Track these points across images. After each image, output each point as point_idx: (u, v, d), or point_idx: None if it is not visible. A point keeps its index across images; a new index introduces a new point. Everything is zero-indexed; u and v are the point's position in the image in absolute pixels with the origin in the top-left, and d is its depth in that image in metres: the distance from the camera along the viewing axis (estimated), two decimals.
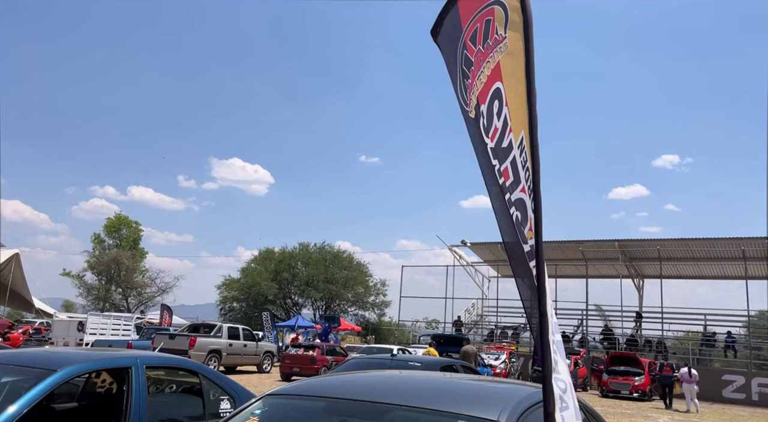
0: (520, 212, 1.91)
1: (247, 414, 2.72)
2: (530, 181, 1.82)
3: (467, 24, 2.24)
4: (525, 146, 1.88)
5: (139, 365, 4.22)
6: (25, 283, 30.95)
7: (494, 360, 24.22)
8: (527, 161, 1.86)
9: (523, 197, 1.87)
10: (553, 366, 1.66)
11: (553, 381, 1.66)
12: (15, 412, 3.32)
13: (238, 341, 23.08)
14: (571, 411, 1.74)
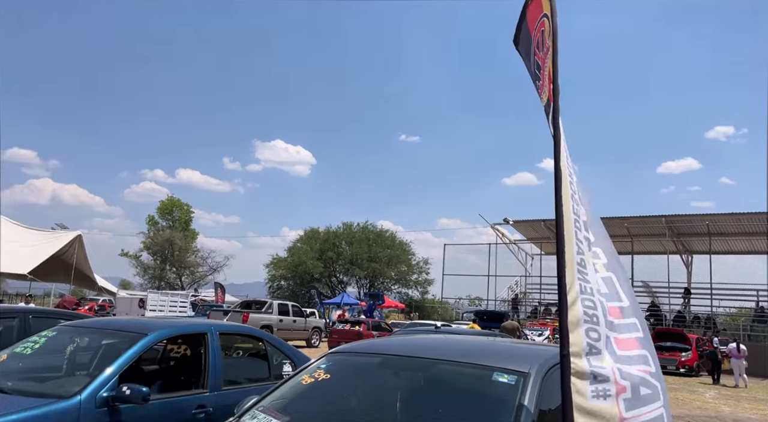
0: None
1: (315, 368, 3.23)
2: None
3: (533, 33, 2.58)
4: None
5: (214, 331, 4.81)
6: (87, 263, 32.72)
7: (537, 336, 24.46)
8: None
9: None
10: (583, 316, 1.94)
11: (582, 329, 1.96)
12: (117, 368, 3.93)
13: (288, 317, 24.12)
14: (605, 356, 1.99)
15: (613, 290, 2.20)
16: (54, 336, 4.59)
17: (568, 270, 2.00)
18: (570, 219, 2.07)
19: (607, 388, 1.90)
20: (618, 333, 2.07)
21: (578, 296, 1.99)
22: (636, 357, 2.04)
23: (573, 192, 2.16)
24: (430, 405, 2.86)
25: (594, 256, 2.23)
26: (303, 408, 2.96)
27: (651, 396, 1.97)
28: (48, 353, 4.48)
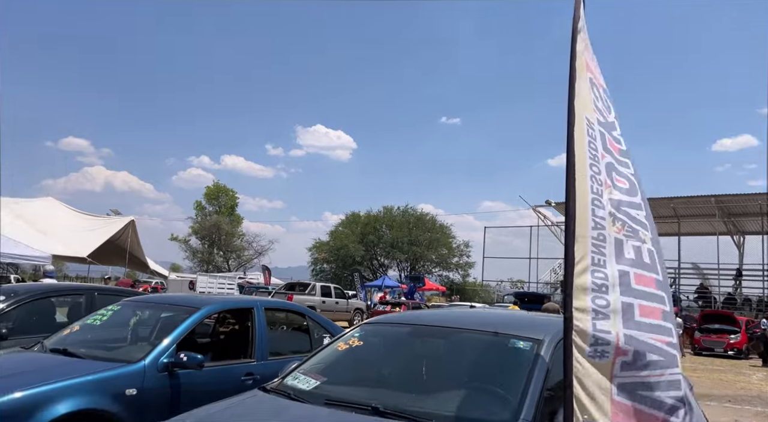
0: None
1: (349, 336, 3.57)
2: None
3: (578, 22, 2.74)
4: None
5: (259, 307, 5.22)
6: (140, 247, 34.08)
7: None
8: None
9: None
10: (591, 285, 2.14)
11: (589, 297, 2.17)
12: (175, 338, 4.38)
13: (330, 298, 24.82)
14: (610, 321, 2.19)
15: (653, 263, 2.38)
16: (119, 310, 5.09)
17: (579, 245, 2.23)
18: (585, 197, 2.26)
19: (606, 350, 2.13)
20: (645, 300, 2.26)
21: (588, 267, 2.21)
22: (656, 327, 2.23)
23: (595, 173, 2.34)
24: (452, 367, 3.15)
25: (632, 234, 2.38)
26: (338, 370, 3.30)
27: (663, 363, 2.17)
28: (114, 324, 4.99)
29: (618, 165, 2.46)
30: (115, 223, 31.15)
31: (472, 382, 2.96)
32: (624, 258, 2.27)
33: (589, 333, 2.12)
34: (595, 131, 2.42)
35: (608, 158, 2.43)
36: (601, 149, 2.41)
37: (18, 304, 5.69)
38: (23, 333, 5.42)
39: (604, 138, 2.47)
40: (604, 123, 2.52)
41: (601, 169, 2.37)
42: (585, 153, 2.31)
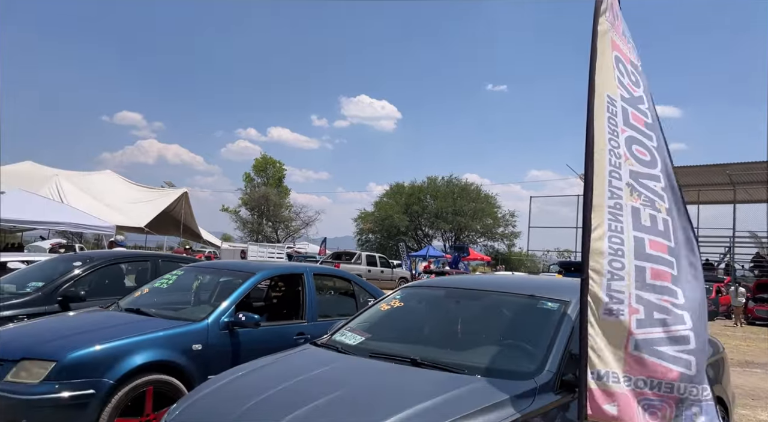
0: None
1: (391, 298, 3.89)
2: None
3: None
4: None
5: (309, 272, 5.61)
6: (193, 218, 35.29)
7: None
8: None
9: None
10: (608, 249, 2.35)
11: (605, 260, 2.39)
12: (233, 299, 4.81)
13: (376, 267, 25.43)
14: (624, 282, 2.41)
15: (667, 231, 2.58)
16: (182, 274, 5.58)
17: (596, 213, 2.43)
18: (603, 169, 2.46)
19: (621, 308, 2.35)
20: (657, 264, 2.47)
21: (605, 234, 2.42)
22: (665, 288, 2.44)
23: (614, 147, 2.52)
24: (485, 326, 3.43)
25: (649, 204, 2.57)
26: (381, 328, 3.63)
27: (670, 320, 2.38)
28: (179, 288, 5.48)
29: (641, 137, 2.62)
30: (169, 195, 32.43)
31: (503, 339, 3.24)
32: (641, 225, 2.46)
33: (603, 294, 2.34)
34: (616, 108, 2.59)
35: (629, 132, 2.59)
36: (622, 124, 2.58)
37: (93, 269, 6.28)
38: (97, 295, 6.00)
39: (627, 113, 2.63)
40: (629, 98, 2.68)
41: (621, 143, 2.54)
42: (604, 129, 2.48)
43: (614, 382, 2.29)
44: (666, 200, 2.58)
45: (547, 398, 2.58)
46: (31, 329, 4.53)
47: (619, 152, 2.52)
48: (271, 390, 2.71)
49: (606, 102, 2.53)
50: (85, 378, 3.85)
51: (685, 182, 30.85)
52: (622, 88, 2.65)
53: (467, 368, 2.83)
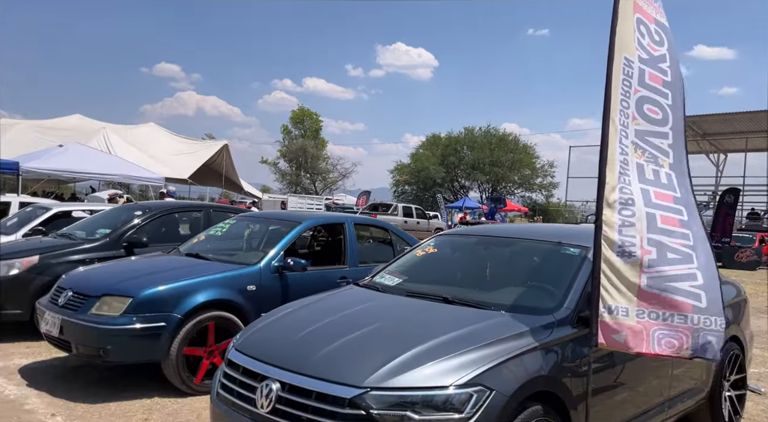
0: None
1: (426, 245, 4.26)
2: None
3: None
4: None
5: (350, 222, 6.02)
6: (234, 169, 36.14)
7: None
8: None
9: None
10: (619, 199, 2.65)
11: (617, 209, 2.69)
12: (282, 246, 5.27)
13: (412, 218, 25.87)
14: (635, 228, 2.69)
15: (671, 183, 2.84)
16: (235, 223, 6.08)
17: (609, 168, 2.70)
18: (616, 128, 2.71)
19: (633, 251, 2.65)
20: (665, 212, 2.75)
21: (617, 185, 2.69)
22: (675, 232, 2.73)
23: (624, 108, 2.76)
24: (512, 269, 3.78)
25: (652, 160, 2.82)
26: (417, 271, 4.01)
27: (679, 260, 2.68)
28: (232, 235, 5.99)
29: (655, 96, 2.83)
30: (210, 147, 33.27)
31: (527, 281, 3.58)
32: (645, 179, 2.73)
33: (616, 237, 2.65)
34: (633, 69, 2.80)
35: (642, 93, 2.80)
36: (636, 85, 2.79)
37: (152, 218, 6.84)
38: (156, 242, 6.56)
39: (644, 74, 2.83)
40: (647, 59, 2.87)
41: (631, 103, 2.77)
42: (618, 90, 2.71)
43: (623, 315, 2.61)
44: (670, 156, 2.82)
45: (564, 331, 2.92)
46: (109, 270, 5.12)
47: (628, 112, 2.76)
48: (320, 322, 3.14)
49: (622, 64, 2.74)
50: (157, 313, 4.39)
51: (732, 129, 29.80)
52: (641, 49, 2.84)
53: (494, 305, 3.19)
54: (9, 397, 4.30)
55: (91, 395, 4.41)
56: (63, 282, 4.92)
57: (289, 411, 2.55)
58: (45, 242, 6.50)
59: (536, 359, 2.71)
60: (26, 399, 4.27)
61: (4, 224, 8.49)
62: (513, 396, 2.51)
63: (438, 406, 2.41)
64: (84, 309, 4.46)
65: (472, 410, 2.41)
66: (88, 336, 4.37)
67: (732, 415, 4.27)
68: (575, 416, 2.83)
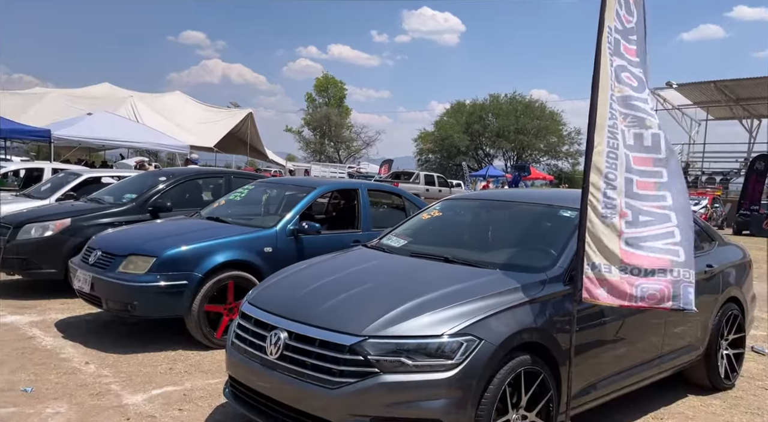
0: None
1: (431, 209, 4.43)
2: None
3: None
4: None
5: (363, 187, 6.20)
6: (259, 138, 36.42)
7: (693, 205, 23.65)
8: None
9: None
10: (605, 162, 2.77)
11: (603, 173, 2.81)
12: (297, 210, 5.49)
13: (434, 187, 25.96)
14: (618, 191, 2.82)
15: (656, 145, 2.95)
16: (253, 189, 6.32)
17: (599, 133, 2.81)
18: (606, 93, 2.81)
19: (613, 213, 2.78)
20: (641, 177, 2.88)
21: (604, 150, 2.81)
22: (650, 196, 2.85)
23: (612, 64, 2.85)
24: (511, 231, 3.93)
25: (635, 123, 2.93)
26: (421, 234, 4.19)
27: (654, 221, 2.81)
28: (250, 200, 6.24)
29: (630, 66, 2.92)
30: (235, 115, 33.58)
31: (524, 242, 3.74)
32: (626, 144, 2.84)
33: (600, 200, 2.78)
34: (612, 38, 2.89)
35: (618, 62, 2.89)
36: (614, 55, 2.88)
37: (175, 184, 7.13)
38: (179, 207, 6.86)
39: (619, 44, 2.91)
40: (621, 30, 2.96)
41: (612, 71, 2.86)
42: (607, 57, 2.81)
43: (606, 272, 2.77)
44: (656, 117, 2.92)
45: (555, 287, 3.09)
46: (135, 231, 5.42)
47: (612, 78, 2.86)
48: (327, 278, 3.36)
49: (606, 32, 2.83)
50: (179, 271, 4.68)
51: (758, 95, 28.78)
52: (618, 20, 2.92)
53: (491, 264, 3.36)
54: (47, 347, 4.68)
55: (121, 346, 4.76)
56: (93, 243, 5.25)
57: (295, 357, 2.79)
58: (76, 206, 6.85)
59: (526, 312, 2.89)
60: (62, 349, 4.63)
61: (38, 189, 8.92)
62: (501, 345, 2.70)
63: (431, 353, 2.62)
64: (112, 268, 4.77)
65: (461, 357, 2.61)
66: (117, 293, 4.69)
67: (729, 373, 4.40)
68: (564, 367, 3.01)
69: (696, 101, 33.03)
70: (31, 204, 7.67)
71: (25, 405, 3.53)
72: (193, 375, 4.22)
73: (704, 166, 32.67)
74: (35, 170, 10.83)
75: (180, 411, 3.56)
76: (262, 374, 2.90)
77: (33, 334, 4.99)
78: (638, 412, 3.92)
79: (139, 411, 3.52)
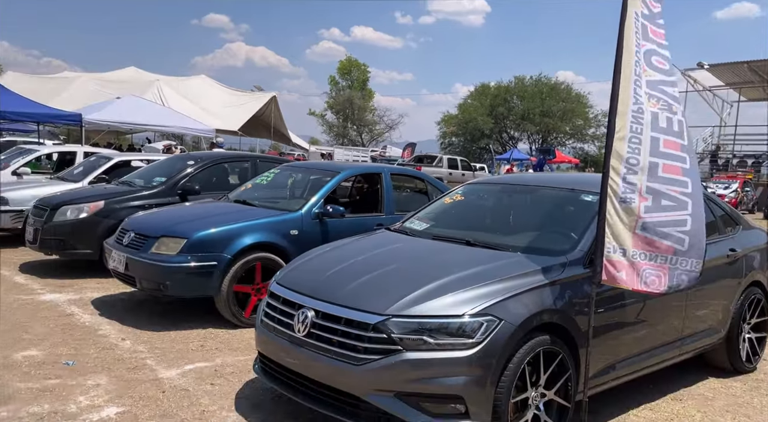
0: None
1: (453, 193, 4.50)
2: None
3: None
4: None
5: (386, 172, 6.29)
6: (282, 121, 36.61)
7: (723, 189, 23.18)
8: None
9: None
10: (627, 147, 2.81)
11: (624, 158, 2.84)
12: (322, 194, 5.60)
13: (457, 170, 25.88)
14: (637, 176, 2.86)
15: (681, 131, 2.97)
16: (279, 172, 6.46)
17: (620, 118, 2.85)
18: (628, 78, 2.83)
19: (632, 197, 2.82)
20: (669, 160, 2.90)
21: (626, 136, 2.84)
22: (675, 181, 2.88)
23: (638, 59, 2.87)
24: (533, 215, 3.99)
25: (666, 108, 2.95)
26: (443, 217, 4.27)
27: (675, 207, 2.84)
28: (276, 184, 6.38)
29: (660, 49, 2.93)
30: (259, 99, 33.79)
31: (546, 225, 3.79)
32: (658, 127, 2.86)
33: (620, 184, 2.83)
34: (639, 23, 2.90)
35: (648, 46, 2.90)
36: (642, 40, 2.89)
37: (203, 168, 7.30)
38: (206, 190, 7.03)
39: (646, 29, 2.92)
40: (648, 15, 2.96)
41: (641, 56, 2.88)
42: (632, 42, 2.82)
43: (622, 255, 2.82)
44: (681, 102, 2.94)
45: (575, 270, 3.14)
46: (166, 214, 5.61)
47: (641, 63, 2.87)
48: (352, 260, 3.47)
49: (633, 17, 2.84)
50: (209, 253, 4.85)
51: None
52: (644, 5, 2.93)
53: (512, 247, 3.43)
54: (85, 324, 4.91)
55: (155, 324, 4.97)
56: (126, 224, 5.45)
57: (322, 335, 2.91)
58: (109, 189, 7.08)
59: (546, 294, 2.96)
60: (99, 326, 4.86)
61: (71, 172, 9.20)
62: (521, 325, 2.78)
63: (452, 332, 2.72)
64: (145, 248, 4.96)
65: (482, 336, 2.71)
66: (150, 273, 4.88)
67: (750, 356, 4.42)
68: (583, 348, 3.08)
69: (728, 82, 32.16)
70: (65, 187, 7.95)
71: (67, 377, 3.74)
72: (223, 352, 4.40)
73: (735, 149, 31.89)
74: (68, 154, 11.13)
75: (212, 386, 3.73)
76: (291, 350, 3.04)
77: (72, 311, 5.24)
78: (658, 393, 3.97)
79: (174, 385, 3.70)
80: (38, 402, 3.37)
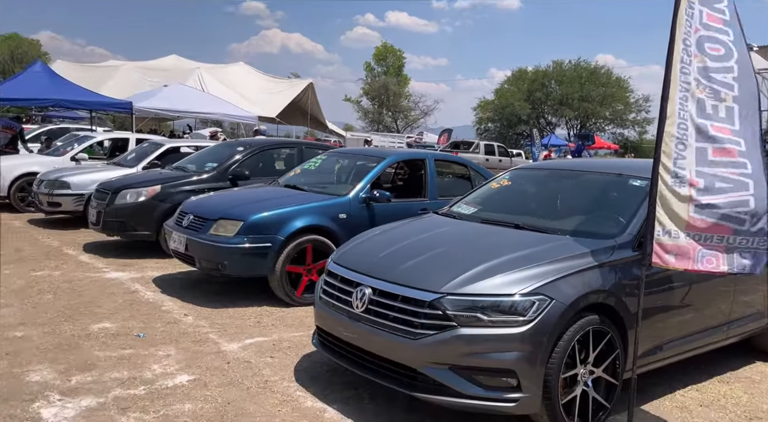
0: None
1: (501, 178, 4.62)
2: None
3: None
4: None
5: (430, 158, 6.43)
6: (319, 108, 36.94)
7: None
8: None
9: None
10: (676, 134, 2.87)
11: (674, 143, 2.91)
12: (369, 179, 5.78)
13: (494, 156, 25.79)
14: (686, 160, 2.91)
15: (730, 117, 3.01)
16: (326, 158, 6.67)
17: (670, 104, 2.91)
18: (677, 66, 2.89)
19: (684, 181, 2.89)
20: (719, 144, 2.95)
21: (675, 121, 2.91)
22: (731, 163, 2.93)
23: (687, 46, 2.92)
24: (581, 199, 4.07)
25: (713, 95, 3.00)
26: (491, 202, 4.39)
27: (732, 188, 2.89)
28: (324, 170, 6.59)
29: (716, 34, 2.96)
30: (296, 86, 34.16)
31: (594, 209, 3.88)
32: (704, 114, 2.91)
33: (671, 168, 2.90)
34: (694, 10, 2.93)
35: (702, 32, 2.94)
36: (696, 25, 2.93)
37: (252, 154, 7.57)
38: (255, 176, 7.30)
39: (702, 14, 2.95)
40: (705, 0, 3.00)
41: (692, 42, 2.92)
42: (682, 30, 2.88)
43: (675, 238, 2.90)
44: (735, 89, 2.96)
45: (624, 253, 3.24)
46: (223, 198, 5.89)
47: (690, 50, 2.92)
48: (406, 241, 3.64)
49: (686, 6, 2.89)
50: (264, 235, 5.09)
51: None
52: None
53: (560, 231, 3.54)
54: (149, 300, 5.23)
55: (213, 301, 5.26)
56: (185, 207, 5.75)
57: (380, 311, 3.10)
58: (164, 174, 7.43)
59: (596, 275, 3.07)
60: (162, 302, 5.18)
61: (125, 158, 9.63)
62: (571, 305, 2.91)
63: (504, 310, 2.86)
64: (204, 230, 5.24)
65: (533, 314, 2.84)
66: (209, 253, 5.16)
67: None
68: (631, 330, 3.18)
69: None
70: (120, 172, 8.35)
71: (140, 348, 4.05)
72: (278, 328, 4.65)
73: None
74: (120, 141, 11.61)
75: (272, 358, 3.98)
76: (349, 325, 3.24)
77: (136, 289, 5.58)
78: (704, 375, 4.04)
79: (237, 357, 3.97)
80: (117, 369, 3.67)
